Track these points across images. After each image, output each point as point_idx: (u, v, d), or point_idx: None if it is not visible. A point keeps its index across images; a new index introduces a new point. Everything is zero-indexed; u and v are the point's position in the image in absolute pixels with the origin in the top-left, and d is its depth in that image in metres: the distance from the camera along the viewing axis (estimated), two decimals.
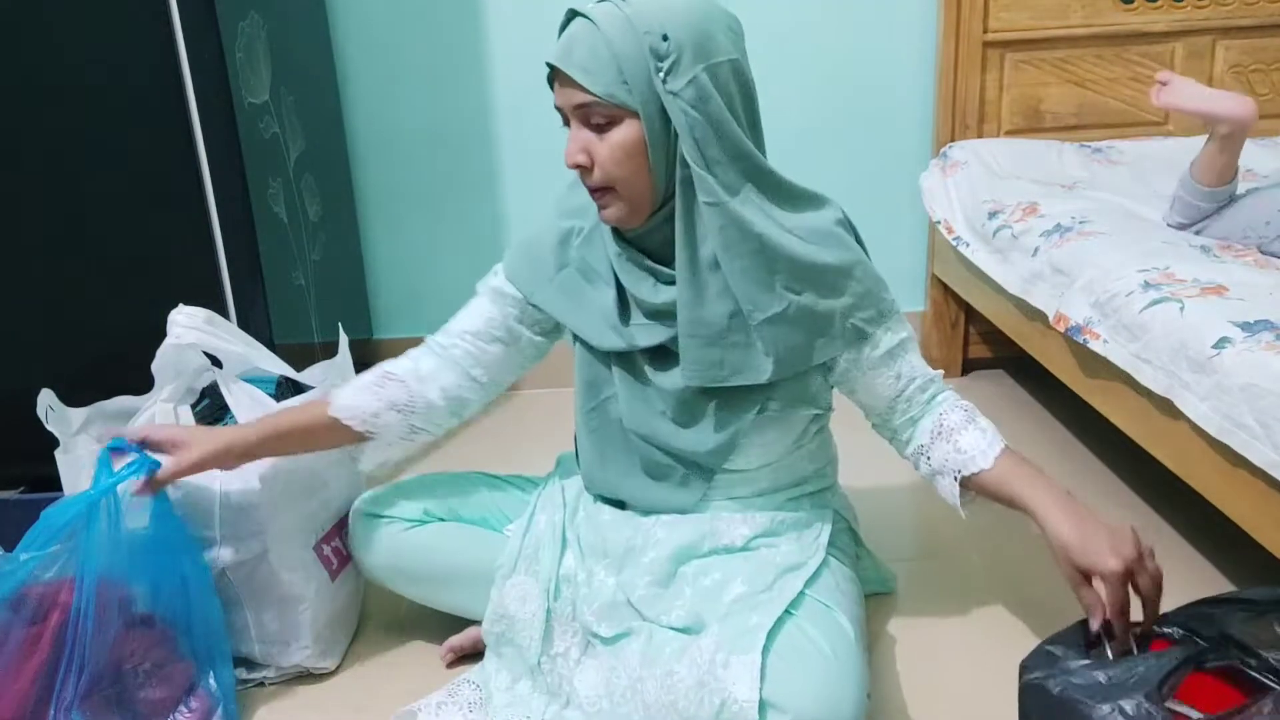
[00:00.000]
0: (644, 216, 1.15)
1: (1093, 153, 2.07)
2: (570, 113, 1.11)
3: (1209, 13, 2.11)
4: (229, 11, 1.57)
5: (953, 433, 1.23)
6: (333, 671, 1.39)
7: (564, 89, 1.10)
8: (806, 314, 1.15)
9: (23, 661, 1.11)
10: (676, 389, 1.20)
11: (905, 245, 2.31)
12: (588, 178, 1.12)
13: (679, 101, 1.06)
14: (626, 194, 1.12)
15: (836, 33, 2.18)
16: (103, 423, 1.39)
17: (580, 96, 1.08)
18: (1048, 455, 1.93)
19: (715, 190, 1.09)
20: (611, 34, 1.05)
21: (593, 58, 1.06)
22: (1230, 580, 1.48)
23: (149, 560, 1.19)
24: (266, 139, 1.72)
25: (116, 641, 1.15)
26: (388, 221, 2.31)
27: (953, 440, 1.22)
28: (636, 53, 1.05)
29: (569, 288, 1.25)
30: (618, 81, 1.06)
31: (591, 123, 1.09)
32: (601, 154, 1.10)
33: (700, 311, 1.14)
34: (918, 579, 1.53)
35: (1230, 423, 1.18)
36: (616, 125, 1.09)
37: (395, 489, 1.40)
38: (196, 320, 1.35)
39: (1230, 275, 1.38)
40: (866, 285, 1.19)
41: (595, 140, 1.10)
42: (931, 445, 1.24)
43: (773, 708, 1.01)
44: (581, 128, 1.10)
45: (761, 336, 1.15)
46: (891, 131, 2.24)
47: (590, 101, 1.07)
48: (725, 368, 1.17)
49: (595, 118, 1.09)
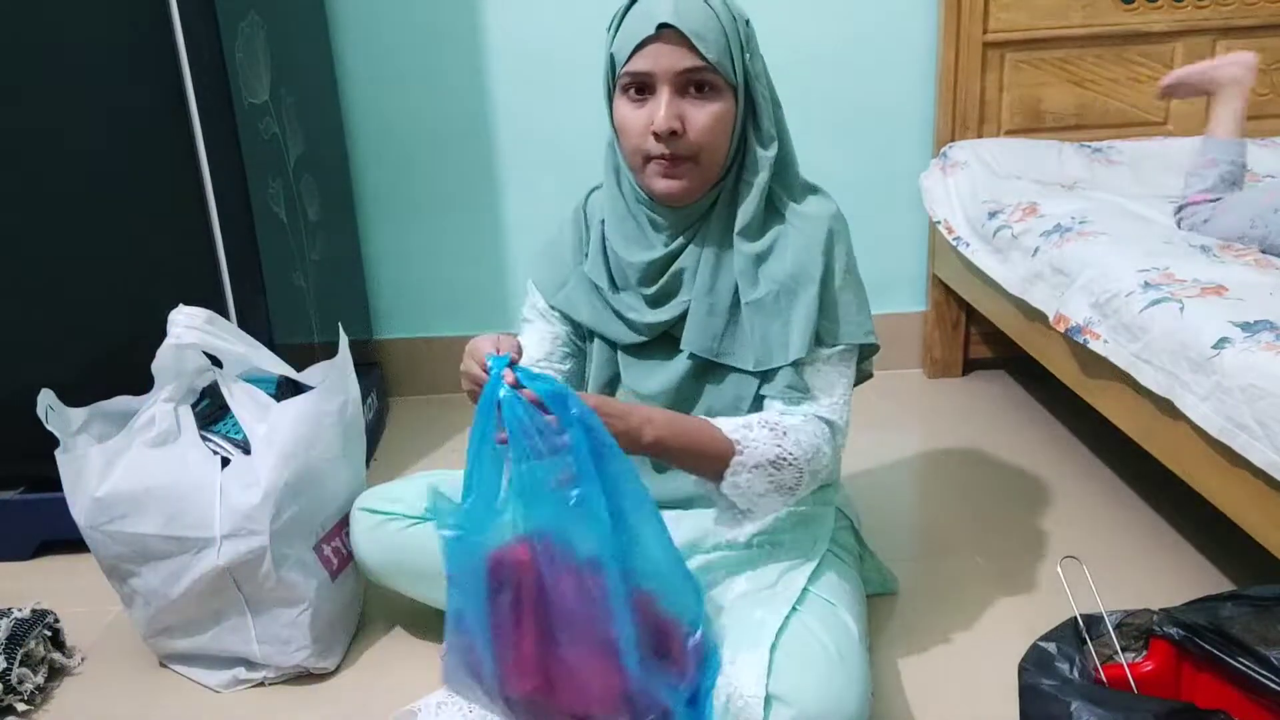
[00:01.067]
0: (703, 192, 1.16)
1: (1093, 153, 2.07)
2: (668, 78, 1.08)
3: (1209, 13, 2.11)
4: (229, 11, 1.57)
5: (758, 423, 1.13)
6: (333, 671, 1.39)
7: (669, 50, 1.07)
8: (785, 306, 1.15)
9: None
10: (677, 379, 1.21)
11: (905, 245, 2.31)
12: (675, 144, 1.10)
13: (759, 84, 1.12)
14: (706, 165, 1.13)
15: (837, 33, 2.18)
16: (103, 423, 1.39)
17: (691, 60, 1.07)
18: (1048, 455, 1.93)
19: (764, 169, 1.14)
20: (718, 7, 1.09)
21: (707, 25, 1.07)
22: (1230, 580, 1.48)
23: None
24: (266, 139, 1.72)
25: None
26: (388, 221, 2.31)
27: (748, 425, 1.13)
28: (734, 31, 1.10)
29: (588, 284, 1.26)
30: (726, 53, 1.09)
31: (690, 91, 1.09)
32: (699, 121, 1.10)
33: (716, 282, 1.17)
34: (918, 579, 1.53)
35: (1230, 423, 1.18)
36: (716, 95, 1.10)
37: (396, 487, 1.40)
38: (196, 320, 1.35)
39: (1230, 275, 1.38)
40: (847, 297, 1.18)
41: (692, 107, 1.10)
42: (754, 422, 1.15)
43: (778, 701, 1.01)
44: (675, 95, 1.09)
45: (748, 320, 1.16)
46: (891, 132, 2.24)
47: (701, 66, 1.08)
48: (720, 343, 1.18)
49: (700, 85, 1.09)
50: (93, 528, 1.31)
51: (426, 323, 2.38)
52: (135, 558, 1.32)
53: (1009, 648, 1.15)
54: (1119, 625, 1.06)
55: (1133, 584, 1.48)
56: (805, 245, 1.15)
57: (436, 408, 2.33)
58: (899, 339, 2.36)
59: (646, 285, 1.20)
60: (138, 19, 1.50)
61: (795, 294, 1.15)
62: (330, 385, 1.40)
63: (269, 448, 1.32)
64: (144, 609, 1.36)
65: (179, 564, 1.31)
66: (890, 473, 1.90)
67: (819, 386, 1.17)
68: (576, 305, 1.27)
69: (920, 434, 2.11)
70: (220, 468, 1.32)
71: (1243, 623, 0.98)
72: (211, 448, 1.35)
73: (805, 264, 1.15)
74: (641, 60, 1.09)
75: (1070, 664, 0.98)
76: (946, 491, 1.82)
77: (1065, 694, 0.92)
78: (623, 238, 1.21)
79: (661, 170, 1.12)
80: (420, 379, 2.39)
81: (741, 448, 1.09)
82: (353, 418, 1.44)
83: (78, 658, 1.45)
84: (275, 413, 1.35)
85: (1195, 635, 1.01)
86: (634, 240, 1.21)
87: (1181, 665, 1.04)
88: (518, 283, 2.34)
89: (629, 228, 1.21)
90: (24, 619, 1.40)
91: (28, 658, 1.35)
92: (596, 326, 1.26)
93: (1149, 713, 0.87)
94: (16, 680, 1.32)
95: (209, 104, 1.55)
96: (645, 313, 1.21)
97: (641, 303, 1.22)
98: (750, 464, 1.09)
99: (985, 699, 1.25)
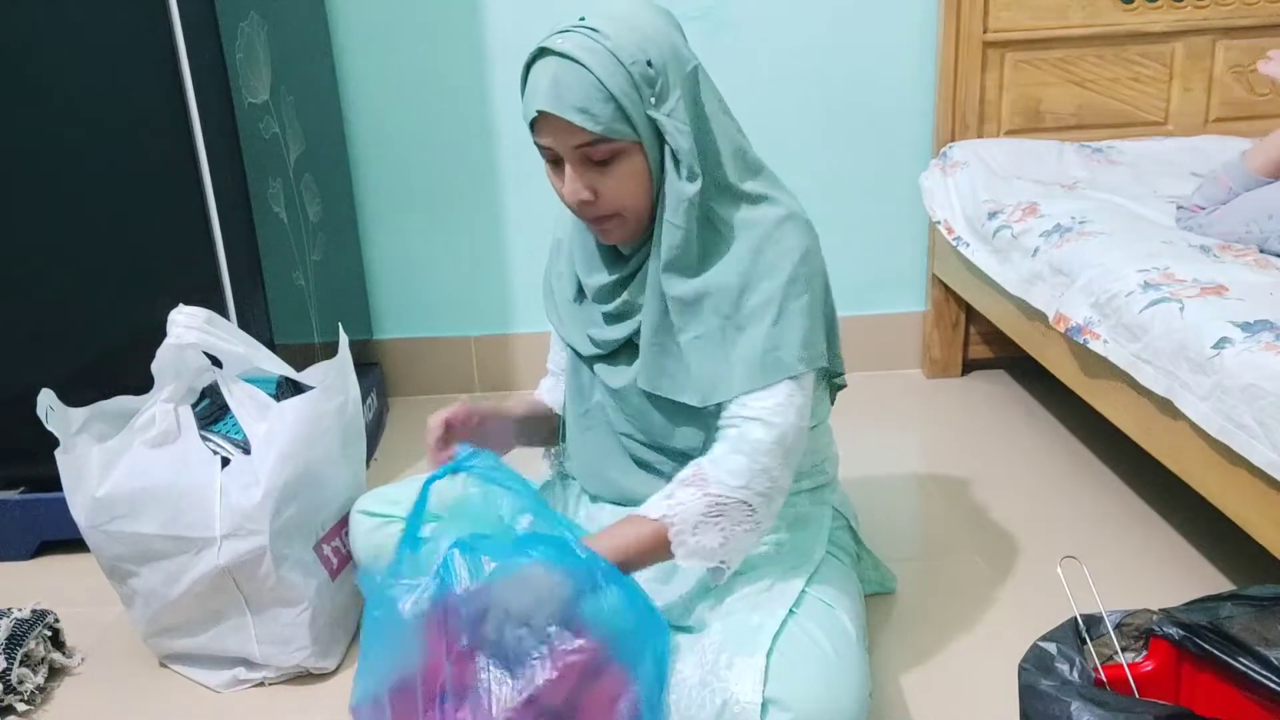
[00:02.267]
0: (644, 230, 1.15)
1: (1093, 153, 2.07)
2: (567, 152, 1.07)
3: (1209, 13, 2.11)
4: (229, 12, 1.57)
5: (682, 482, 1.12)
6: (333, 671, 1.39)
7: (557, 132, 1.06)
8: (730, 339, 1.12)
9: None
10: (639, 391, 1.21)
11: (905, 245, 2.31)
12: (591, 210, 1.11)
13: (673, 122, 1.07)
14: (633, 217, 1.12)
15: (836, 33, 2.18)
16: (103, 423, 1.39)
17: (580, 137, 1.05)
18: (1048, 455, 1.93)
19: (684, 206, 1.09)
20: (600, 71, 1.02)
21: (587, 98, 1.02)
22: (1230, 579, 1.48)
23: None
24: (266, 139, 1.72)
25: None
26: (388, 222, 2.31)
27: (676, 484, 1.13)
28: (628, 85, 1.04)
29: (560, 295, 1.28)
30: (618, 117, 1.04)
31: (593, 160, 1.07)
32: (609, 187, 1.09)
33: (659, 320, 1.15)
34: (918, 579, 1.53)
35: (1230, 422, 1.18)
36: (620, 157, 1.07)
37: (395, 489, 1.40)
38: (196, 320, 1.35)
39: (1230, 275, 1.38)
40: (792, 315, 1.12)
41: (598, 175, 1.08)
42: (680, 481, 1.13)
43: (775, 705, 1.01)
44: (579, 165, 1.08)
45: (688, 356, 1.14)
46: (891, 132, 2.24)
47: (592, 140, 1.05)
48: (666, 378, 1.17)
49: (598, 155, 1.07)
50: (93, 528, 1.31)
51: (426, 323, 2.38)
52: (135, 557, 1.32)
53: (1009, 648, 1.15)
54: (1119, 625, 1.06)
55: (1133, 584, 1.48)
56: (747, 265, 1.12)
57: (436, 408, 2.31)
58: (898, 339, 2.36)
59: (603, 303, 1.21)
60: (138, 19, 1.50)
61: (740, 325, 1.12)
62: (330, 385, 1.40)
63: (269, 448, 1.32)
64: (144, 609, 1.36)
65: (179, 564, 1.31)
66: (889, 473, 1.90)
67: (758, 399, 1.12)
68: (552, 311, 1.31)
69: (920, 434, 2.11)
70: (220, 468, 1.32)
71: (1243, 623, 0.98)
72: (211, 448, 1.35)
73: (747, 284, 1.11)
74: (540, 136, 1.08)
75: (1070, 664, 0.98)
76: (946, 491, 1.82)
77: (1065, 694, 0.92)
78: (580, 257, 1.23)
79: (592, 227, 1.15)
80: (420, 379, 2.39)
81: (669, 521, 1.07)
82: (353, 418, 1.44)
83: (78, 658, 1.45)
84: (275, 413, 1.35)
85: (1195, 635, 1.01)
86: (587, 262, 1.23)
87: (1181, 665, 1.04)
88: (517, 283, 2.34)
89: (582, 250, 1.23)
90: (24, 619, 1.40)
91: (28, 658, 1.35)
92: (564, 335, 1.28)
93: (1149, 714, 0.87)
94: (16, 680, 1.32)
95: (209, 104, 1.55)
96: (604, 329, 1.22)
97: (600, 319, 1.23)
98: (689, 529, 1.07)
99: (985, 699, 1.25)
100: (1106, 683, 1.01)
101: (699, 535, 1.08)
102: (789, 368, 1.11)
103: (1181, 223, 1.66)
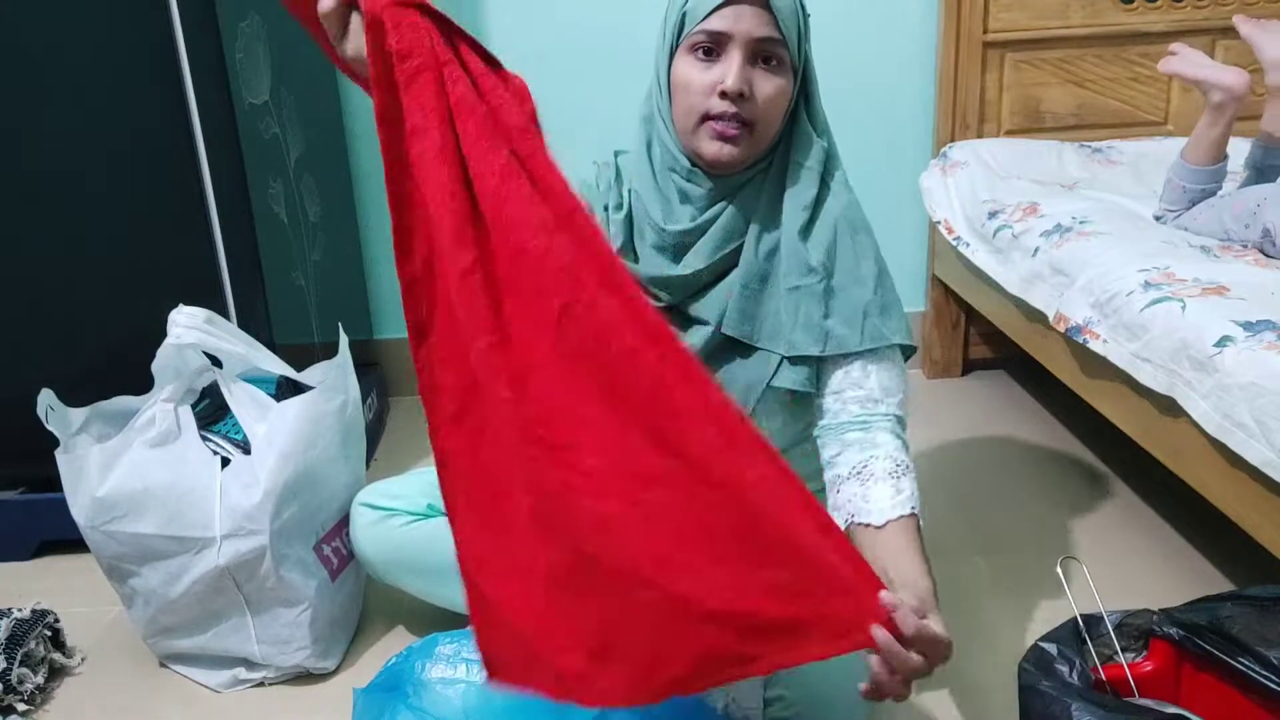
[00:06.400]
0: (747, 164, 1.15)
1: (1093, 153, 2.07)
2: (743, 42, 1.08)
3: (1209, 13, 2.11)
4: (229, 12, 1.57)
5: (870, 479, 1.11)
6: (333, 671, 1.39)
7: (751, 14, 1.07)
8: (830, 294, 1.14)
9: None
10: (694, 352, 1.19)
11: (905, 245, 2.31)
12: (740, 108, 1.10)
13: (813, 68, 1.15)
14: (759, 136, 1.12)
15: (836, 33, 2.17)
16: (103, 423, 1.39)
17: (768, 30, 1.07)
18: (1048, 455, 1.93)
19: (817, 155, 1.15)
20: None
21: (789, 5, 1.08)
22: (1230, 579, 1.48)
23: None
24: (266, 139, 1.72)
25: None
26: (387, 222, 2.30)
27: (865, 485, 1.11)
28: (802, 16, 1.11)
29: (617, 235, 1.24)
30: (796, 32, 1.10)
31: (760, 61, 1.09)
32: (765, 91, 1.09)
33: (759, 265, 1.15)
34: None
35: (1228, 420, 1.18)
36: (781, 71, 1.10)
37: (397, 483, 1.40)
38: (196, 320, 1.35)
39: (1231, 275, 1.38)
40: (890, 292, 1.18)
41: (758, 77, 1.09)
42: (846, 480, 1.13)
43: (777, 701, 1.01)
44: (746, 62, 1.09)
45: (788, 306, 1.14)
46: (891, 131, 2.24)
47: (776, 39, 1.08)
48: (757, 326, 1.16)
49: (771, 57, 1.09)
50: (93, 527, 1.31)
51: None
52: (135, 557, 1.32)
53: (1009, 648, 1.15)
54: (1119, 625, 1.06)
55: (1133, 584, 1.48)
56: (854, 239, 1.15)
57: None
58: None
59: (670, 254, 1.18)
60: (138, 20, 1.50)
61: (845, 286, 1.14)
62: (330, 385, 1.40)
63: (269, 448, 1.32)
64: (144, 609, 1.36)
65: (179, 564, 1.31)
66: None
67: (882, 387, 1.16)
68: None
69: (920, 434, 2.11)
70: (220, 468, 1.32)
71: (1243, 623, 0.98)
72: (211, 448, 1.35)
73: (856, 257, 1.14)
74: (720, 20, 1.08)
75: (1070, 665, 0.98)
76: (946, 491, 1.82)
77: (1065, 695, 0.92)
78: (657, 202, 1.19)
79: (717, 132, 1.11)
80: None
81: (915, 509, 1.08)
82: (353, 418, 1.44)
83: (78, 658, 1.45)
84: (275, 413, 1.35)
85: (1195, 635, 1.01)
86: (665, 207, 1.19)
87: (1181, 665, 1.04)
88: None
89: (658, 195, 1.19)
90: (24, 619, 1.40)
91: (28, 658, 1.35)
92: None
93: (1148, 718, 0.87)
94: (16, 680, 1.32)
95: (209, 104, 1.55)
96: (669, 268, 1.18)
97: (664, 259, 1.19)
98: (919, 509, 1.09)
99: (985, 699, 1.25)
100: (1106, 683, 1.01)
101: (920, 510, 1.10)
102: (896, 332, 1.16)
103: (1160, 220, 1.68)
